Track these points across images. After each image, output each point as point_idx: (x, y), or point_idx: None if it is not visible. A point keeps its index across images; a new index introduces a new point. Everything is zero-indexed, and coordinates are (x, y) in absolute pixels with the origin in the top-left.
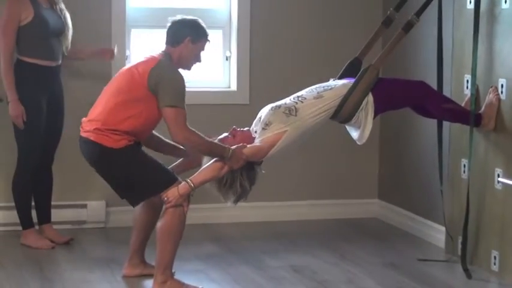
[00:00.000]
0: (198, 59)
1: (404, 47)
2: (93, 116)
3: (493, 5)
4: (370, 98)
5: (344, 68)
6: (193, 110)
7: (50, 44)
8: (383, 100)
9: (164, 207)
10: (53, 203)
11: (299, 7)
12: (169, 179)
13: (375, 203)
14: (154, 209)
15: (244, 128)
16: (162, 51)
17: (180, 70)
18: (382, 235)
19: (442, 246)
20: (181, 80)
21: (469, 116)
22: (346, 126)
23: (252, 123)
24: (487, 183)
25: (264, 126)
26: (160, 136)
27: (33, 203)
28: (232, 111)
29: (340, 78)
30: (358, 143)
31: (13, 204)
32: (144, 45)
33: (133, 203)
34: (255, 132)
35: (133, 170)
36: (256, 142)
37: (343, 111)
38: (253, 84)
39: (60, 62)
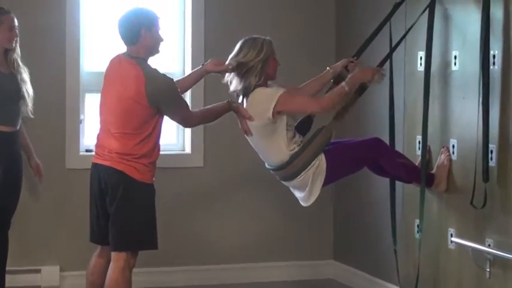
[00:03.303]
0: (161, 39)
1: (356, 108)
2: (108, 145)
3: (444, 67)
4: (322, 161)
5: (296, 125)
6: None
7: (6, 109)
8: (337, 168)
9: (111, 264)
10: (7, 268)
11: None
12: (154, 244)
13: (330, 264)
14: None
15: None
16: (130, 57)
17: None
18: None
19: None
20: (173, 86)
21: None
22: (290, 187)
23: (206, 187)
24: (441, 242)
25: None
26: None
27: None
28: (187, 174)
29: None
30: (303, 204)
31: None
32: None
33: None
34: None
35: (141, 215)
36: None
37: (292, 167)
38: (208, 147)
39: (18, 127)
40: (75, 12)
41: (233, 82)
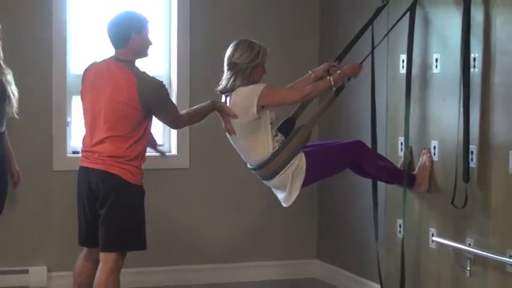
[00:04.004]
0: (150, 43)
1: (339, 110)
2: (99, 149)
3: (425, 70)
4: (302, 161)
5: (278, 127)
6: None
7: None
8: (317, 168)
9: (100, 265)
10: None
11: None
12: (143, 244)
13: (314, 263)
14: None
15: None
16: (118, 60)
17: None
18: None
19: None
20: (163, 88)
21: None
22: (272, 188)
23: (191, 188)
24: (422, 242)
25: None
26: None
27: None
28: (173, 175)
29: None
30: (284, 205)
31: None
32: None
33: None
34: None
35: (132, 216)
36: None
37: (272, 165)
38: (193, 148)
39: (3, 129)
40: (62, 14)
41: (222, 81)
